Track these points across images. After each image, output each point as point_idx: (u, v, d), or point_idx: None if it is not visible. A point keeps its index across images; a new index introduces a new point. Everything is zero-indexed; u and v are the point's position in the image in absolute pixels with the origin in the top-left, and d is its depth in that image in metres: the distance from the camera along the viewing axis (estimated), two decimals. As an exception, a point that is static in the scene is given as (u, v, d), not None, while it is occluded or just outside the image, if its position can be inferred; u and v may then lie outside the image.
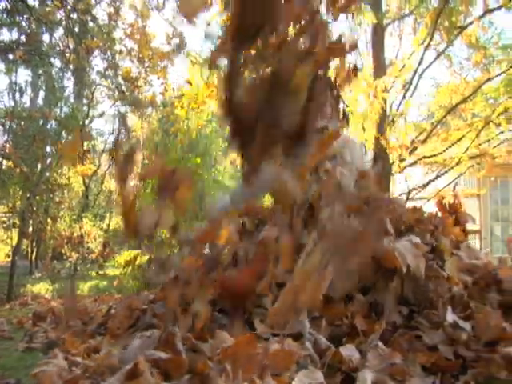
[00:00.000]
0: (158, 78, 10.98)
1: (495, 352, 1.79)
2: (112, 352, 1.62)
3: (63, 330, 2.65)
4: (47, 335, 2.64)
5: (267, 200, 3.13)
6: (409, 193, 8.62)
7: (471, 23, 8.06)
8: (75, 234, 10.81)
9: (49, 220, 12.03)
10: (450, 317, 1.79)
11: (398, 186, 10.06)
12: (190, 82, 8.67)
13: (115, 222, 13.21)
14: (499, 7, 7.76)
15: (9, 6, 8.83)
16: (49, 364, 1.61)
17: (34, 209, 11.01)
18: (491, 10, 8.04)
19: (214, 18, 8.75)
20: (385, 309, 2.01)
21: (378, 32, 7.74)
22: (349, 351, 1.47)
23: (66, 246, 10.72)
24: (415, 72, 8.04)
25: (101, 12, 12.56)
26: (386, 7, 8.98)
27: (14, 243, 10.60)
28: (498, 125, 8.35)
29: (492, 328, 1.97)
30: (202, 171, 9.44)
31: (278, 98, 1.29)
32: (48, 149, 12.11)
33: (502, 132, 8.75)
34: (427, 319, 1.89)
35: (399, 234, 2.45)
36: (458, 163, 8.31)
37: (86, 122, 12.94)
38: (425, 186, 8.61)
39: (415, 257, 2.09)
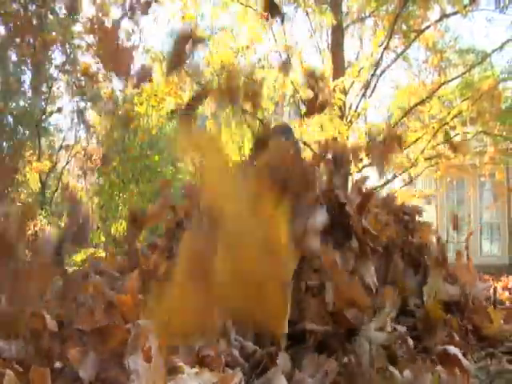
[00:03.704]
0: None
1: (432, 352, 1.82)
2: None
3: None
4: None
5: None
6: (366, 192, 8.72)
7: (428, 27, 8.23)
8: (29, 232, 10.52)
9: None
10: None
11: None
12: (149, 79, 8.56)
13: (73, 219, 12.90)
14: (455, 13, 7.96)
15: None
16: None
17: (-13, 205, 10.70)
18: (447, 15, 8.25)
19: (175, 15, 8.67)
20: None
21: (337, 33, 7.79)
22: (283, 358, 1.45)
23: (19, 244, 10.42)
24: (374, 73, 8.14)
25: (60, 5, 12.25)
26: (347, 9, 9.05)
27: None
28: (453, 127, 8.54)
29: (432, 333, 2.02)
30: (161, 169, 9.34)
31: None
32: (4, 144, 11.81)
33: (458, 134, 8.94)
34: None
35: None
36: (414, 164, 8.45)
37: (43, 117, 12.62)
38: (382, 186, 8.73)
39: None
